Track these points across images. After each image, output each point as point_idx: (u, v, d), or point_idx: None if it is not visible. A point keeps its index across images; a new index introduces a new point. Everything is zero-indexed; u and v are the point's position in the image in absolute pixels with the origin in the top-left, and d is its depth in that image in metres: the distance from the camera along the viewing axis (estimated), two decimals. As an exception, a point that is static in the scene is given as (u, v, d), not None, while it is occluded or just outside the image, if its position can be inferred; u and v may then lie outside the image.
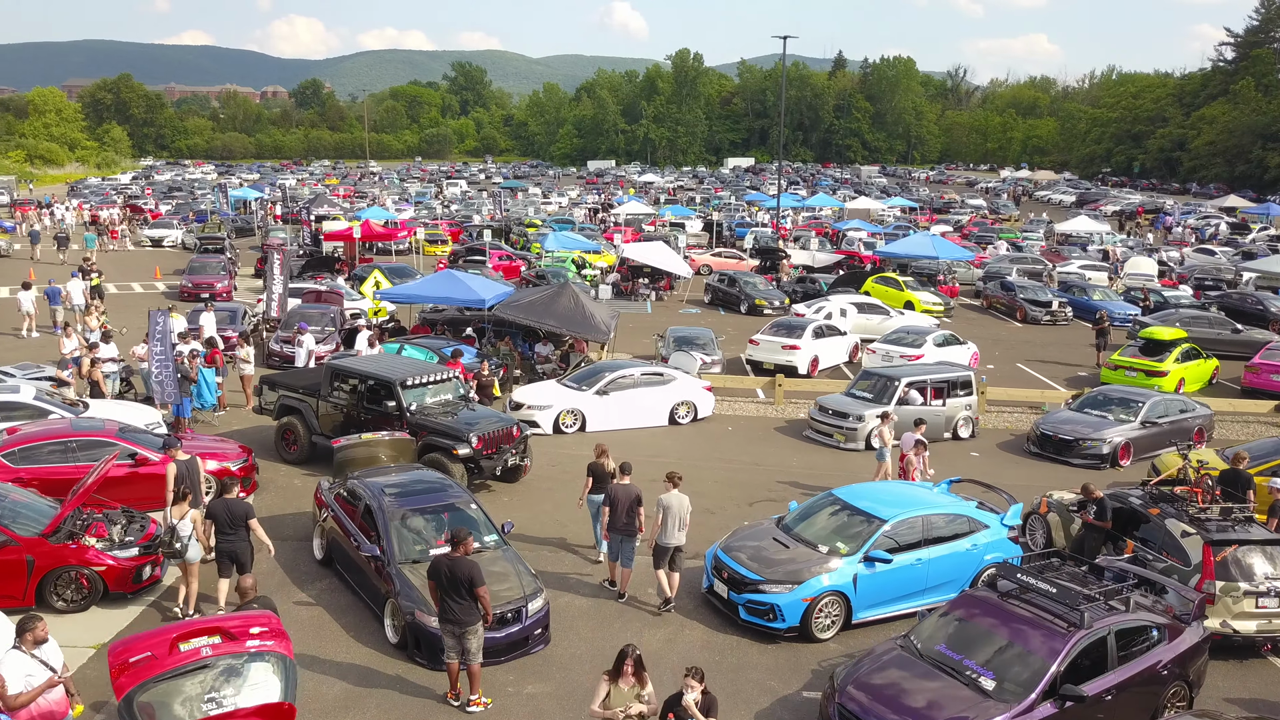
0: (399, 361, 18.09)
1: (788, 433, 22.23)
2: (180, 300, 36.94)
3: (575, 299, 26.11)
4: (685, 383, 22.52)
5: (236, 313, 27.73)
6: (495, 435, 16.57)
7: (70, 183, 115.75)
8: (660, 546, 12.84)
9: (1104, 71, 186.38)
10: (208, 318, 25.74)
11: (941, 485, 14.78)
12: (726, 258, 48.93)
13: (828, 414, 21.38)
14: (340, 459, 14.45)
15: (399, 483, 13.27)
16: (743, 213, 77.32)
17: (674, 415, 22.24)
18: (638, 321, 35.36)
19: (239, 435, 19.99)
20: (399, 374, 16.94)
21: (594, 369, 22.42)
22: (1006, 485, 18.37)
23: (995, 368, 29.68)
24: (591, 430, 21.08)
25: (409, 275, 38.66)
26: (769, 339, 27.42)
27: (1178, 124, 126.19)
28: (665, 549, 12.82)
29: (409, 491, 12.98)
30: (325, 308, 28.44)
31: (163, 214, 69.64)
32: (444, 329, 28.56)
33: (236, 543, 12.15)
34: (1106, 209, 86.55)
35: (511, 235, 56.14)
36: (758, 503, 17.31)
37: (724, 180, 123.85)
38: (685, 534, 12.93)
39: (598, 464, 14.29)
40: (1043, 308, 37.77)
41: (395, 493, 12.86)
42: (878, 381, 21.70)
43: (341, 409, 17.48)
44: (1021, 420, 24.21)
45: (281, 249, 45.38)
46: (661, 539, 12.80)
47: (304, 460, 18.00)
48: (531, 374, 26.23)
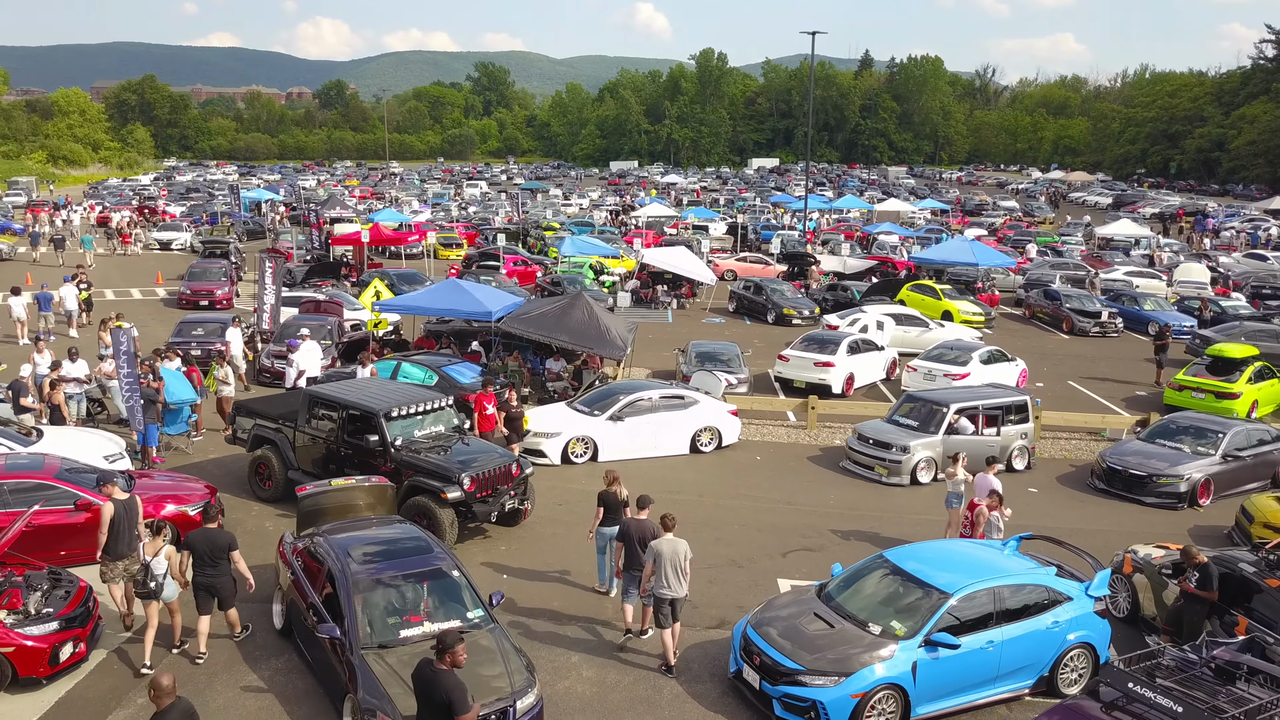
0: (386, 388, 16.04)
1: (823, 462, 20.03)
2: (179, 308, 35.39)
3: (589, 311, 24.05)
4: (708, 406, 20.38)
5: (226, 324, 25.84)
6: (491, 475, 14.51)
7: (92, 183, 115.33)
8: (656, 599, 11.36)
9: (1137, 70, 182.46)
10: (234, 333, 24.17)
11: (1009, 543, 12.56)
12: (752, 263, 46.72)
13: (868, 444, 19.17)
14: (305, 509, 12.42)
15: (370, 541, 11.24)
16: (768, 214, 75.04)
17: (696, 443, 20.11)
18: (658, 332, 33.25)
19: (215, 465, 18.09)
20: (383, 404, 14.91)
21: (608, 391, 20.33)
22: (1071, 528, 16.25)
23: (1045, 386, 27.31)
24: (604, 460, 18.99)
25: (418, 282, 36.81)
26: (800, 355, 25.23)
27: (1216, 123, 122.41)
28: (660, 600, 11.32)
29: (381, 553, 10.95)
30: (323, 319, 26.54)
31: (176, 215, 68.34)
32: (449, 341, 26.58)
33: (218, 577, 11.23)
34: (1145, 211, 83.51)
35: (529, 239, 54.24)
36: (792, 553, 15.15)
37: (748, 181, 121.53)
38: (687, 584, 11.43)
39: (609, 493, 12.99)
40: (1091, 318, 35.30)
41: (364, 555, 10.82)
42: (923, 407, 19.47)
43: (321, 442, 15.49)
44: (1080, 448, 21.89)
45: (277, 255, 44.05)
46: (657, 590, 11.28)
47: (279, 498, 16.02)
48: (542, 392, 24.21)
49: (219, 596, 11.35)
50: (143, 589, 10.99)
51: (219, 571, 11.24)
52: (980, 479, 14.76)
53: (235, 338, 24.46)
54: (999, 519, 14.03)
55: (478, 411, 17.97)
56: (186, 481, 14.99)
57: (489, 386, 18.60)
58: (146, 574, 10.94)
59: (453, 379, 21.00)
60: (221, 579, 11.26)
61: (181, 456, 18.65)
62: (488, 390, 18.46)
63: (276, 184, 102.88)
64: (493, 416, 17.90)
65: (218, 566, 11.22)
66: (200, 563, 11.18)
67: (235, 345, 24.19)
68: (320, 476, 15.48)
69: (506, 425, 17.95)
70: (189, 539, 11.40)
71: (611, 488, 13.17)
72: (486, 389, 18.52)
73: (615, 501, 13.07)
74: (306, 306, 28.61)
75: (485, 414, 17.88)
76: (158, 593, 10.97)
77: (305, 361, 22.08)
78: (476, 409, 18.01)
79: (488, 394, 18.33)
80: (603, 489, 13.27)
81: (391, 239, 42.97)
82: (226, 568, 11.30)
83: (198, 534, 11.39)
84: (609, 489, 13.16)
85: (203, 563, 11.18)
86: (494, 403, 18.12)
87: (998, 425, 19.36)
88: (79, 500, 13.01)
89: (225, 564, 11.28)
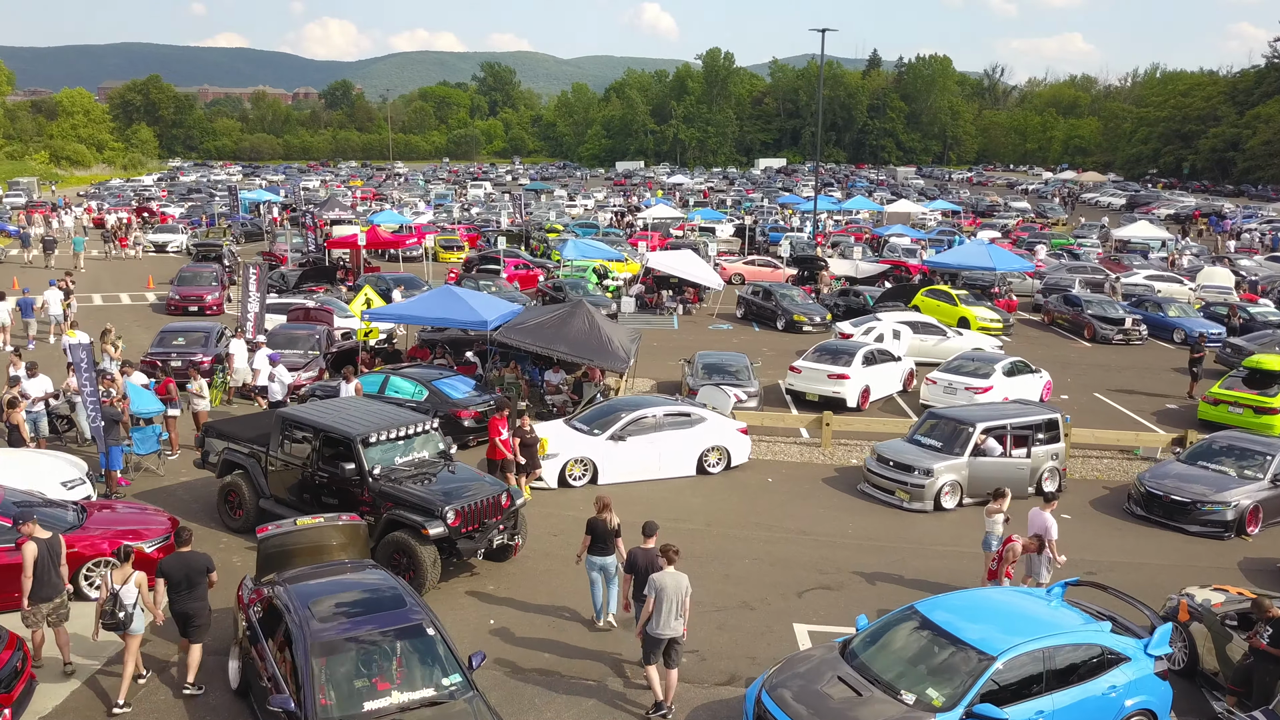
0: (365, 409, 14.71)
1: (839, 485, 18.69)
2: (167, 314, 34.20)
3: (590, 320, 22.75)
4: (716, 424, 19.06)
5: (210, 333, 24.63)
6: (478, 508, 13.21)
7: (94, 184, 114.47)
8: (652, 638, 10.45)
9: (1148, 70, 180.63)
10: (238, 344, 22.89)
11: (1055, 590, 11.23)
12: (760, 266, 45.41)
13: (888, 466, 17.83)
14: (266, 552, 11.13)
15: (336, 591, 9.97)
16: (776, 216, 73.66)
17: (703, 463, 18.79)
18: (663, 340, 31.93)
19: (186, 490, 16.82)
20: (359, 427, 13.61)
21: (609, 408, 19.01)
22: (1111, 562, 14.99)
23: (1070, 399, 25.95)
24: (604, 483, 17.70)
25: (415, 286, 35.60)
26: (812, 366, 23.90)
27: (1230, 123, 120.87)
28: (658, 641, 10.44)
29: (348, 607, 9.67)
30: (311, 328, 25.30)
31: (175, 217, 67.19)
32: (443, 351, 25.33)
33: (193, 603, 10.55)
34: (1160, 212, 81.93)
35: (532, 241, 52.98)
36: (809, 592, 13.82)
37: (755, 181, 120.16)
38: (684, 622, 10.53)
39: (598, 521, 12.13)
40: (1114, 326, 33.86)
41: (328, 609, 9.54)
42: (947, 426, 18.12)
43: (295, 468, 14.21)
44: (1113, 468, 20.52)
45: (271, 258, 42.85)
46: (653, 629, 10.40)
47: (251, 529, 14.68)
48: (540, 405, 22.92)
49: (192, 626, 10.56)
50: (110, 620, 10.19)
51: (196, 596, 10.55)
52: (1033, 516, 13.41)
53: (239, 349, 22.96)
54: (1048, 560, 12.71)
55: (491, 438, 16.52)
56: (148, 514, 13.73)
57: (503, 410, 16.97)
58: (115, 604, 10.13)
59: (444, 394, 19.75)
60: (197, 604, 10.56)
61: (152, 479, 17.40)
62: (502, 413, 16.78)
63: (280, 184, 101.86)
64: (507, 443, 16.30)
65: (194, 592, 10.54)
66: (176, 589, 10.51)
67: (240, 358, 22.77)
68: (295, 505, 14.25)
69: (522, 451, 16.52)
70: (163, 565, 10.73)
71: (601, 514, 12.25)
72: (501, 412, 16.84)
73: (604, 530, 12.20)
74: (295, 314, 27.36)
75: (502, 440, 16.32)
76: (127, 623, 10.18)
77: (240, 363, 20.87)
78: (490, 434, 16.49)
79: (501, 417, 16.64)
80: (592, 515, 12.34)
81: (389, 242, 41.71)
82: (204, 592, 10.64)
83: (172, 559, 10.72)
84: (598, 516, 12.25)
85: (179, 589, 10.50)
86: (506, 426, 16.61)
87: (1027, 446, 17.99)
88: (20, 538, 11.73)
89: (203, 588, 10.63)
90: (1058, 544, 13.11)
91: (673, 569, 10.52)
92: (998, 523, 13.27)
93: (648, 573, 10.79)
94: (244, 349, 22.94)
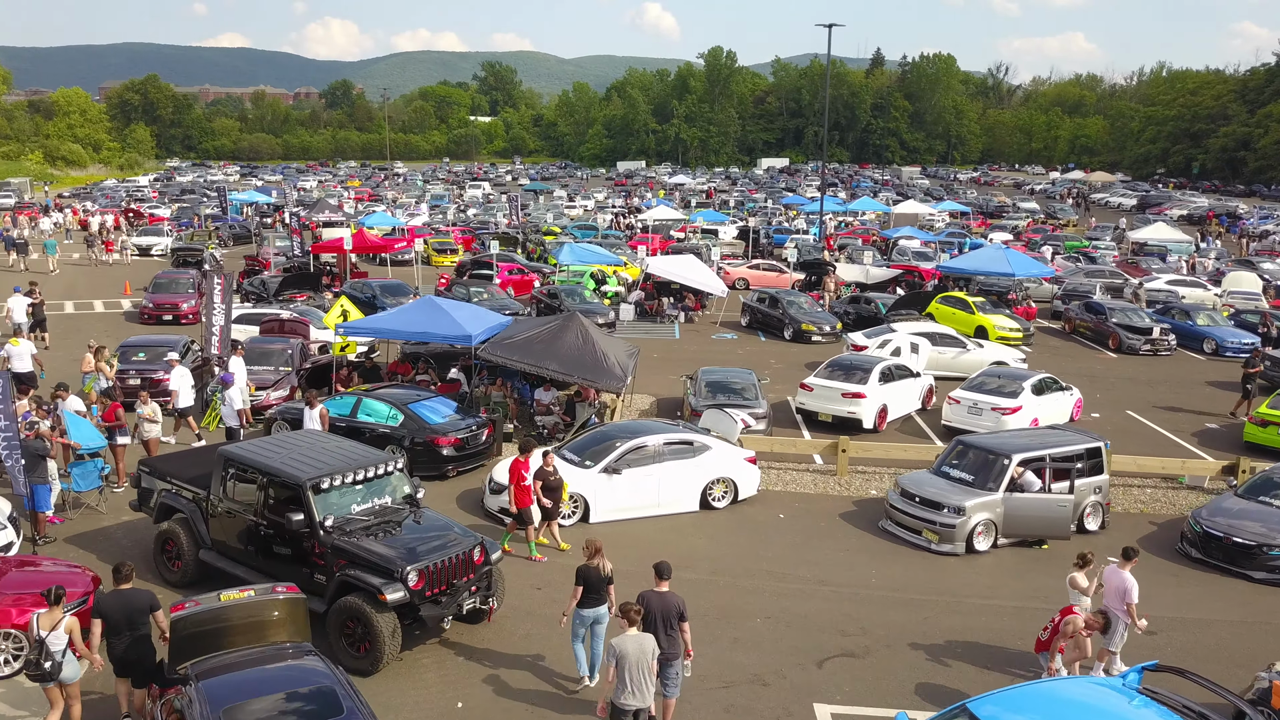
0: (320, 446, 12.81)
1: (858, 521, 16.84)
2: (140, 323, 32.42)
3: (584, 334, 20.92)
4: (722, 453, 17.19)
5: (175, 347, 22.76)
6: (446, 566, 11.37)
7: (89, 184, 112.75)
8: (618, 709, 9.36)
9: (1154, 68, 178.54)
10: (237, 363, 20.58)
11: (1130, 677, 9.36)
12: (765, 270, 43.56)
13: (913, 502, 15.97)
14: (182, 635, 9.22)
15: (258, 688, 8.16)
16: (780, 217, 71.78)
17: (707, 497, 16.95)
18: (663, 351, 30.11)
19: (127, 532, 14.95)
20: (309, 470, 11.76)
21: (603, 435, 17.15)
22: (1170, 618, 13.19)
23: (1101, 417, 24.10)
24: (597, 521, 15.87)
25: (403, 294, 33.83)
26: (825, 384, 22.03)
27: (1241, 122, 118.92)
28: (624, 712, 9.36)
29: (270, 713, 7.83)
30: (284, 341, 23.45)
31: (165, 218, 65.37)
32: (426, 365, 23.51)
33: (136, 647, 9.53)
34: (1172, 213, 79.95)
35: (528, 244, 51.14)
36: (830, 660, 11.95)
37: (758, 182, 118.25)
38: (651, 692, 9.40)
39: (590, 568, 10.77)
40: (1141, 335, 31.97)
41: (245, 716, 7.71)
42: (978, 456, 16.26)
43: (239, 516, 12.35)
44: (1157, 500, 18.65)
45: (254, 263, 41.04)
46: (618, 699, 9.32)
47: (191, 583, 12.90)
48: (530, 426, 21.10)
49: (137, 671, 9.60)
50: (36, 671, 9.23)
51: (139, 639, 9.57)
52: (1110, 575, 11.56)
53: (240, 368, 20.34)
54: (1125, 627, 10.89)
55: (513, 483, 14.50)
56: (71, 572, 11.88)
57: (527, 452, 14.84)
58: (41, 652, 9.17)
59: (422, 419, 17.90)
60: (142, 647, 9.61)
61: (91, 518, 15.56)
62: (525, 455, 14.70)
63: (277, 185, 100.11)
64: (529, 489, 14.40)
65: (136, 633, 9.55)
66: (115, 631, 9.50)
67: (240, 377, 20.34)
68: (238, 558, 12.42)
69: (546, 494, 14.53)
70: (99, 604, 9.78)
71: (593, 561, 10.76)
72: (524, 454, 14.74)
73: (597, 578, 10.71)
74: (269, 325, 25.52)
75: (521, 485, 14.38)
76: (55, 673, 9.23)
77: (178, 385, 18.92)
78: (512, 479, 14.55)
79: (524, 459, 14.60)
80: (582, 563, 10.89)
81: (377, 246, 39.86)
82: (148, 634, 9.64)
83: (110, 598, 9.75)
84: (590, 563, 10.74)
85: (119, 630, 9.51)
86: (524, 465, 14.49)
87: (1070, 479, 16.12)
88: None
89: (147, 630, 9.64)
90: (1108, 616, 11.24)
91: (635, 631, 9.42)
92: (1084, 594, 11.35)
93: (664, 620, 9.83)
94: (242, 367, 20.92)
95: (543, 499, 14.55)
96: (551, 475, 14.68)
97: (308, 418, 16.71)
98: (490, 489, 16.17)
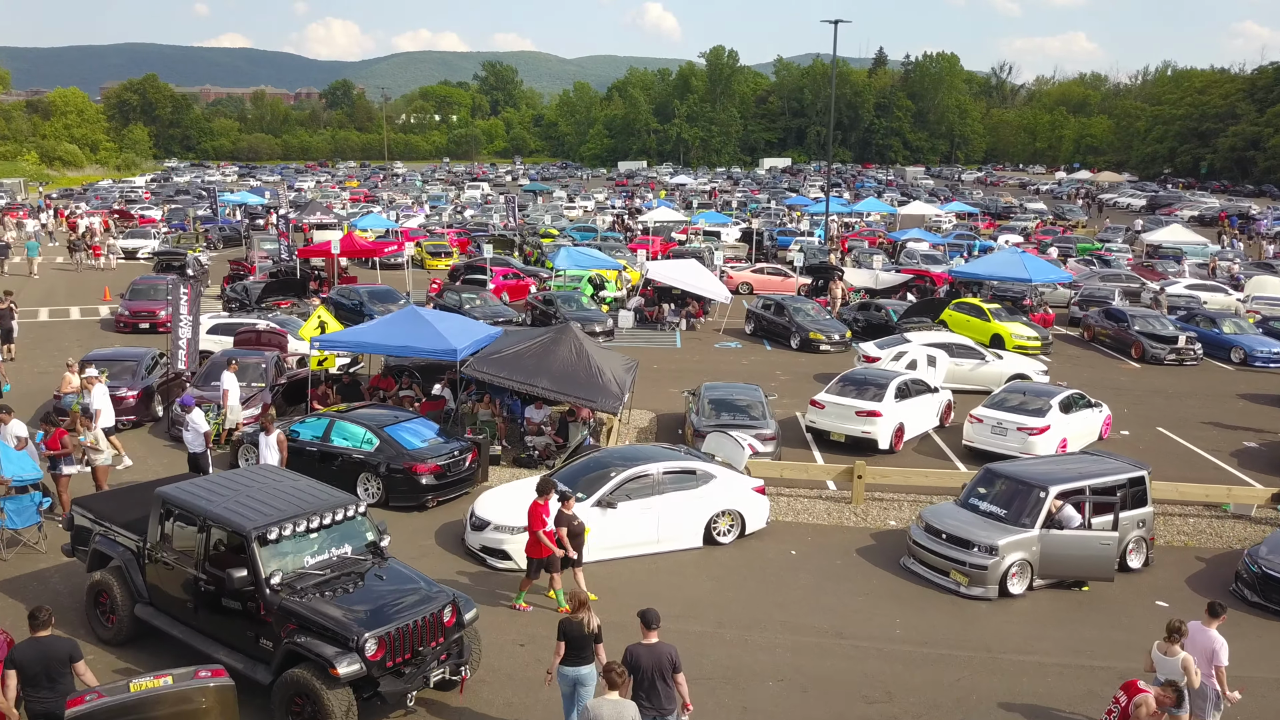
0: (271, 487, 11.25)
1: (878, 558, 15.30)
2: (116, 331, 30.94)
3: (578, 348, 19.44)
4: (728, 482, 15.66)
5: (141, 361, 21.26)
6: (411, 631, 9.85)
7: (84, 185, 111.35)
8: None
9: (1159, 67, 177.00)
10: (229, 378, 19.17)
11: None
12: (770, 274, 42.03)
13: (940, 539, 14.44)
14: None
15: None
16: (784, 218, 70.17)
17: (712, 531, 15.42)
18: (663, 361, 28.61)
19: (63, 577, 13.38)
20: (257, 517, 10.23)
21: (595, 464, 15.60)
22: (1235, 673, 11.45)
23: (1130, 435, 22.60)
24: (589, 561, 14.30)
25: (392, 300, 32.42)
26: (838, 401, 20.50)
27: (1250, 121, 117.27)
28: None
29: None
30: (258, 354, 21.91)
31: (156, 220, 63.90)
32: (410, 380, 22.01)
33: (56, 700, 8.45)
34: (1183, 214, 78.34)
35: (525, 246, 49.64)
36: (854, 736, 10.45)
37: (760, 182, 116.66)
38: None
39: (573, 623, 9.60)
40: (1166, 344, 30.42)
41: None
42: (1011, 489, 14.72)
43: (178, 568, 10.83)
44: (1201, 530, 17.11)
45: (239, 268, 39.54)
46: None
47: (126, 641, 11.39)
48: (519, 448, 19.59)
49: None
50: None
51: (58, 693, 8.52)
52: (1196, 634, 9.99)
53: (232, 384, 19.05)
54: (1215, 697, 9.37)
55: (532, 529, 12.66)
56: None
57: (545, 493, 12.84)
58: None
59: (399, 444, 16.38)
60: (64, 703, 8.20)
61: (28, 558, 14.02)
62: (544, 497, 12.79)
63: (274, 185, 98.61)
64: (552, 535, 12.64)
65: (56, 687, 8.59)
66: (33, 683, 8.62)
67: (234, 394, 19.03)
68: (178, 615, 10.91)
69: (570, 540, 12.79)
70: (14, 654, 8.79)
71: (578, 614, 9.56)
72: (543, 495, 12.81)
73: (581, 634, 9.47)
74: (244, 337, 23.99)
75: (546, 531, 12.62)
76: None
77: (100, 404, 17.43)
78: (532, 525, 12.67)
79: (543, 502, 12.76)
80: (564, 616, 9.84)
81: (366, 250, 38.32)
82: (69, 686, 8.64)
83: (26, 646, 8.78)
84: (574, 617, 9.62)
85: (37, 683, 8.62)
86: (544, 509, 12.72)
87: (1113, 513, 14.57)
88: None
89: (67, 681, 8.70)
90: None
91: (615, 695, 8.39)
92: (1178, 663, 9.79)
93: (659, 672, 8.91)
94: (237, 384, 19.42)
95: (569, 549, 12.74)
96: (574, 521, 12.93)
97: (264, 446, 15.13)
98: (471, 524, 14.64)
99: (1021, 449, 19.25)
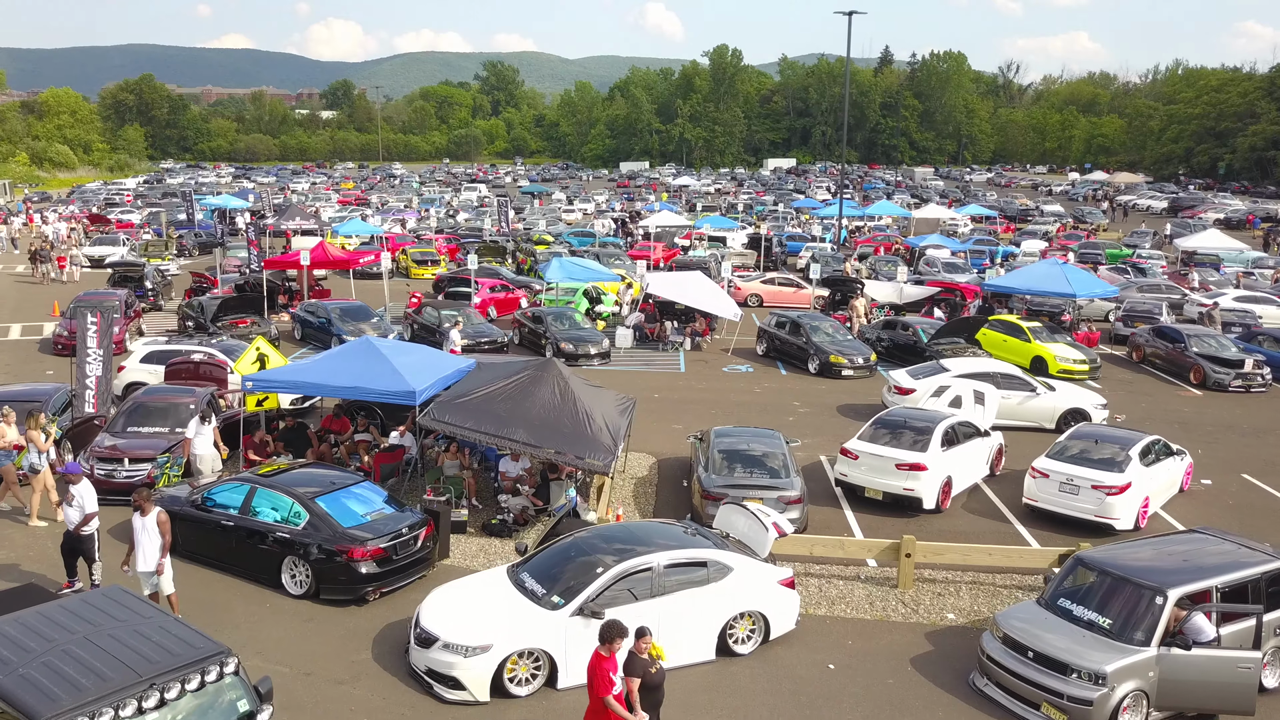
0: (107, 633, 7.89)
1: (937, 671, 11.94)
2: (54, 354, 27.65)
3: (561, 389, 16.12)
4: (748, 576, 12.24)
5: (48, 400, 17.91)
6: None
7: (73, 186, 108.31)
8: None
9: (1169, 66, 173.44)
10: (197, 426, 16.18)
11: None
12: (781, 285, 38.71)
13: (1026, 659, 11.07)
14: None
15: None
16: (793, 222, 66.76)
17: (727, 639, 12.05)
18: (666, 388, 25.30)
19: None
20: (55, 698, 6.86)
21: (577, 549, 12.16)
22: None
23: (1213, 484, 19.24)
24: (567, 687, 10.98)
25: (364, 319, 29.16)
26: (873, 451, 17.12)
27: (1271, 120, 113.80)
28: None
29: None
30: (188, 393, 18.48)
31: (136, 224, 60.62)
32: (366, 421, 18.73)
33: None
34: (1207, 217, 74.81)
35: (518, 254, 46.35)
36: None
37: (765, 183, 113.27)
38: None
39: None
40: (1230, 369, 27.03)
41: None
42: (1114, 589, 11.30)
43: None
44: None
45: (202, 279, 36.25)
46: None
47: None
48: (492, 509, 16.25)
49: None
50: None
51: None
52: None
53: (205, 432, 15.99)
54: None
55: (597, 692, 8.78)
56: None
57: (614, 642, 8.86)
58: None
59: (332, 520, 13.01)
60: None
61: None
62: (610, 645, 8.87)
63: (268, 187, 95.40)
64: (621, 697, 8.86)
65: None
66: None
67: (204, 441, 15.93)
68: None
69: (645, 701, 8.97)
70: None
71: None
72: (609, 643, 8.86)
73: None
74: (177, 367, 20.60)
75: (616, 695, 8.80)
76: None
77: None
78: (595, 687, 8.81)
79: (609, 655, 8.87)
80: None
81: (339, 261, 34.98)
82: None
83: None
84: None
85: None
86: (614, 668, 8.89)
87: (1256, 621, 11.16)
88: None
89: None
90: None
91: None
92: None
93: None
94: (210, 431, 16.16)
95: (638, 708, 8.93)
96: (653, 668, 9.09)
97: (139, 530, 11.68)
98: (416, 636, 11.26)
99: (1098, 512, 15.96)
